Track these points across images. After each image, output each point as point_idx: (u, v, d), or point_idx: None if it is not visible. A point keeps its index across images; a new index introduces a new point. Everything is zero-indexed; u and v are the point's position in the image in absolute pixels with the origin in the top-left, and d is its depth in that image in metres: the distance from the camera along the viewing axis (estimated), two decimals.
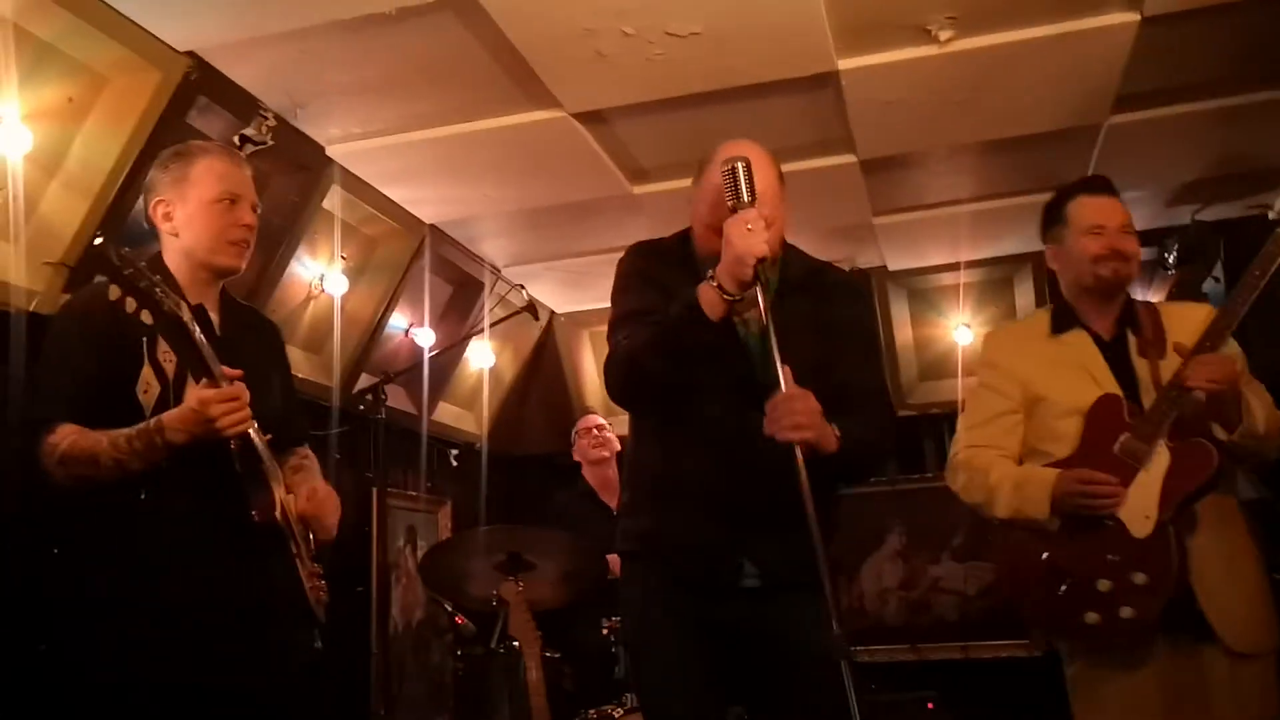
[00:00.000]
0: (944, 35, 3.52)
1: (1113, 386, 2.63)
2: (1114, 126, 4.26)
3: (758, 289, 2.08)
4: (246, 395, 2.20)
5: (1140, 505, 2.52)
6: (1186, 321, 2.66)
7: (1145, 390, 2.61)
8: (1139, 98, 4.05)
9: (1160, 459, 2.53)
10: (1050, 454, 2.67)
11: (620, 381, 2.29)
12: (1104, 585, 2.52)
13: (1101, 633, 2.53)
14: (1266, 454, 2.58)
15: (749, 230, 2.06)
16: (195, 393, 2.16)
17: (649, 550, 2.32)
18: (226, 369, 2.19)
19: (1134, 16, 3.45)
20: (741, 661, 2.27)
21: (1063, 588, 2.56)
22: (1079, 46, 3.59)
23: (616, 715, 3.62)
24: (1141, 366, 2.65)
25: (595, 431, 4.98)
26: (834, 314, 2.34)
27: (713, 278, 2.11)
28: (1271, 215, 4.82)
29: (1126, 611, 2.49)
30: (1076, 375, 2.68)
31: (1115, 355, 2.69)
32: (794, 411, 2.03)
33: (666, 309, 2.20)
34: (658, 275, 2.35)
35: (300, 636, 2.40)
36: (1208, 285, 4.98)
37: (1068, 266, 2.78)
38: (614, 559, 2.84)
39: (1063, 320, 2.78)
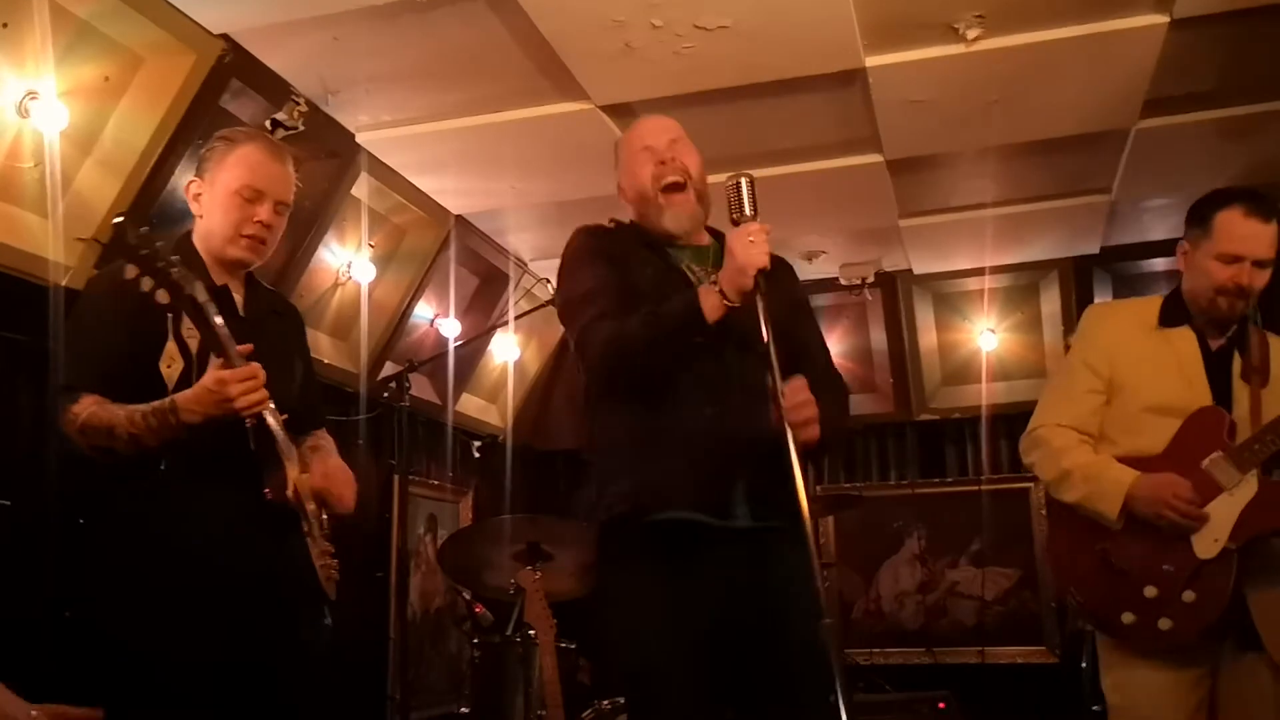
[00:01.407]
0: (971, 34, 3.53)
1: (1205, 397, 2.57)
2: (1142, 131, 4.24)
3: (758, 298, 2.11)
4: (263, 375, 2.20)
5: (1213, 527, 2.47)
6: None
7: (1239, 414, 2.55)
8: (1168, 102, 4.04)
9: (1247, 488, 2.48)
10: (1118, 444, 2.62)
11: (609, 366, 2.25)
12: (1150, 592, 2.49)
13: (1134, 634, 2.52)
14: None
15: (751, 242, 2.11)
16: (212, 372, 2.17)
17: (640, 508, 2.21)
18: (239, 346, 2.19)
19: (1163, 19, 3.44)
20: (732, 648, 2.18)
21: (1110, 582, 2.54)
22: (1107, 48, 3.59)
23: None
24: (1240, 389, 2.58)
25: None
26: (787, 294, 2.32)
27: (715, 282, 2.14)
28: None
29: (1165, 623, 2.47)
30: (1170, 374, 2.60)
31: (1216, 368, 2.61)
32: (801, 406, 2.07)
33: (661, 305, 2.20)
34: (610, 250, 2.37)
35: (310, 613, 2.41)
36: None
37: (1191, 274, 2.65)
38: None
39: (1174, 315, 2.67)
